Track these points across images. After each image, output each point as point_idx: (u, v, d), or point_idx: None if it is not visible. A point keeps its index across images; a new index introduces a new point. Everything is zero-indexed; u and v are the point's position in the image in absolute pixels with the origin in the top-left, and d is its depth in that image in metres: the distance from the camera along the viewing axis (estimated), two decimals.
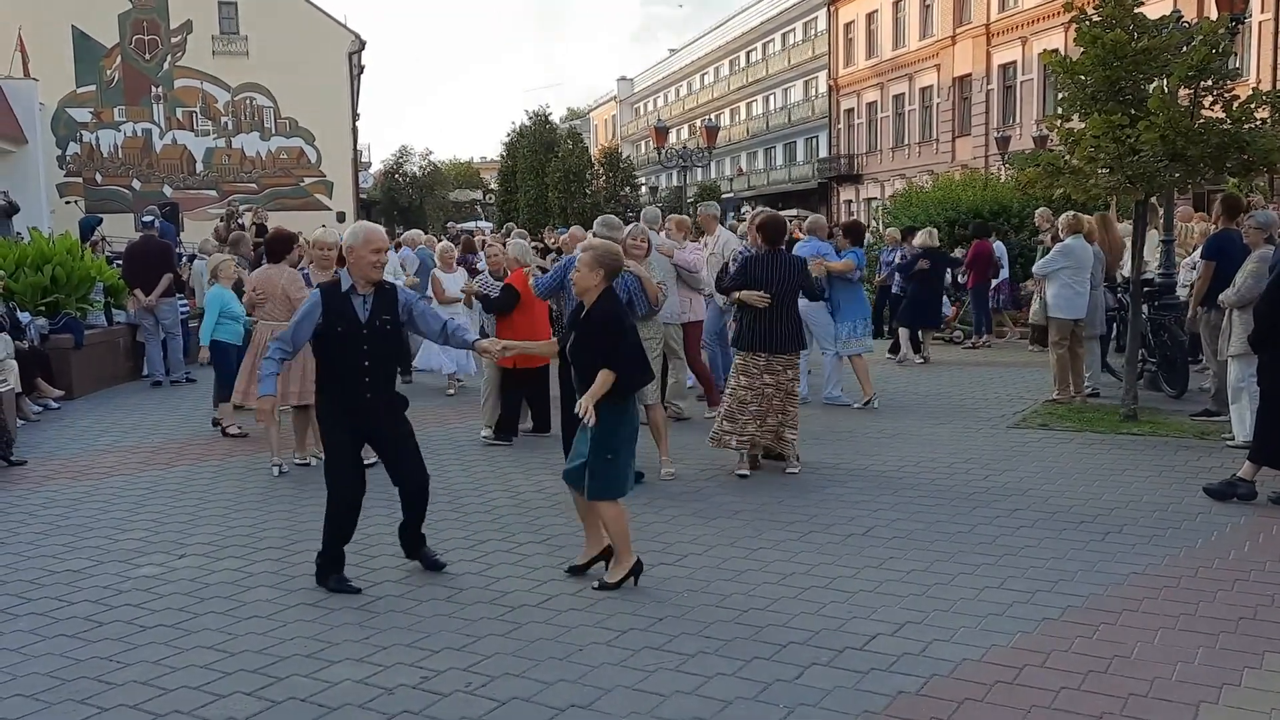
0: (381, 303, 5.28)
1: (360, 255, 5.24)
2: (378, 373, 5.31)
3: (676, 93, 65.82)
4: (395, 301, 5.36)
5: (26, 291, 11.99)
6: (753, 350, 7.50)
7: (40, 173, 28.63)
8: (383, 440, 5.46)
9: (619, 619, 4.82)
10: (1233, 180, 11.15)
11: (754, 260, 7.69)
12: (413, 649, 4.53)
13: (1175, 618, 4.70)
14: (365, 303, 5.25)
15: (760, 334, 7.48)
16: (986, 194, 19.20)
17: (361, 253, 5.23)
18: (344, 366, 5.27)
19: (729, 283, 7.76)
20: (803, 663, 4.31)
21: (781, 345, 7.50)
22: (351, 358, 5.24)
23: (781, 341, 7.50)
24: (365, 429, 5.37)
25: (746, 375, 7.52)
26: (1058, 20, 27.99)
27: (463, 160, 79.45)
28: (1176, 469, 7.50)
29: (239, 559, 5.85)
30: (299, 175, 39.82)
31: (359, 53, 40.48)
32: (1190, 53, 8.36)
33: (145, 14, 37.79)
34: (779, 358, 7.51)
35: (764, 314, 7.46)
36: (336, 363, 5.29)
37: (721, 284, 7.98)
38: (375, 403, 5.30)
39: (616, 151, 54.40)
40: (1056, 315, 10.14)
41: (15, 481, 7.85)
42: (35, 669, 4.41)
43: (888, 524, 6.28)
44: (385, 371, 5.41)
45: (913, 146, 42.53)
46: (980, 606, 4.89)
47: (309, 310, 5.31)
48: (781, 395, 7.54)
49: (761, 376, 7.51)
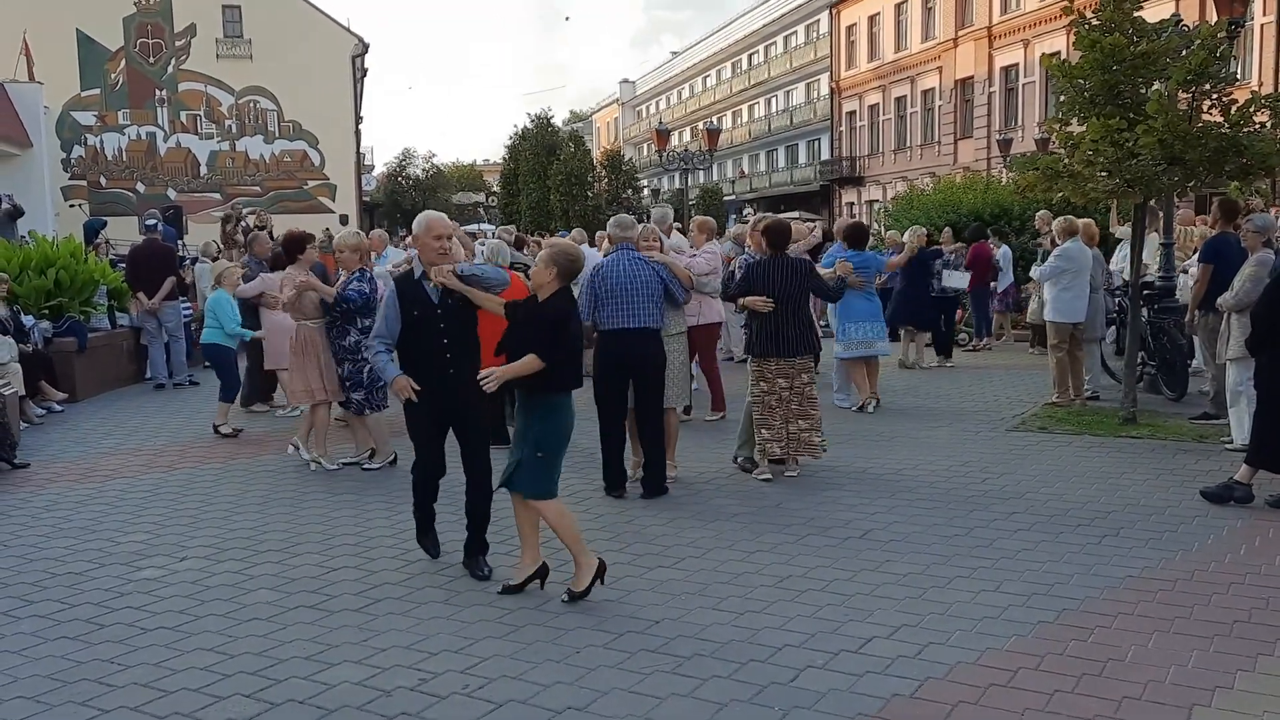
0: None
1: (424, 243, 5.52)
2: (457, 350, 5.50)
3: (678, 95, 65.87)
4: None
5: (30, 295, 12.05)
6: (764, 356, 7.54)
7: (45, 176, 28.69)
8: (464, 423, 5.58)
9: (616, 621, 4.85)
10: (1234, 184, 11.16)
11: (757, 266, 7.72)
12: (411, 651, 4.56)
13: (1170, 621, 4.72)
14: (436, 286, 5.45)
15: (769, 339, 7.51)
16: (988, 197, 19.21)
17: (425, 240, 5.52)
18: (424, 349, 5.51)
19: (734, 289, 7.78)
20: (798, 665, 4.33)
21: (791, 349, 7.53)
22: (430, 340, 5.48)
23: (791, 345, 7.52)
24: (450, 408, 5.51)
25: (765, 380, 7.56)
26: (1059, 23, 28.00)
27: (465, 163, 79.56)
28: (1175, 472, 7.51)
29: (239, 561, 5.89)
30: (302, 178, 39.95)
31: (362, 56, 40.63)
32: (1189, 57, 8.38)
33: (149, 17, 37.94)
34: (790, 361, 7.54)
35: (770, 318, 7.49)
36: (414, 347, 5.53)
37: (728, 291, 7.98)
38: (458, 379, 5.43)
39: (619, 154, 54.49)
40: (1056, 319, 10.15)
41: (19, 484, 7.89)
42: (37, 671, 4.44)
43: (885, 527, 6.30)
44: (464, 348, 5.54)
45: (915, 149, 42.54)
46: (976, 610, 4.91)
47: (389, 301, 5.59)
48: (798, 399, 7.56)
49: (775, 381, 7.55)
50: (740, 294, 7.64)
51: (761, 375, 7.57)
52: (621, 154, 55.56)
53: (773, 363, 7.53)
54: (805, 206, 44.31)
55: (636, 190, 52.82)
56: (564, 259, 5.25)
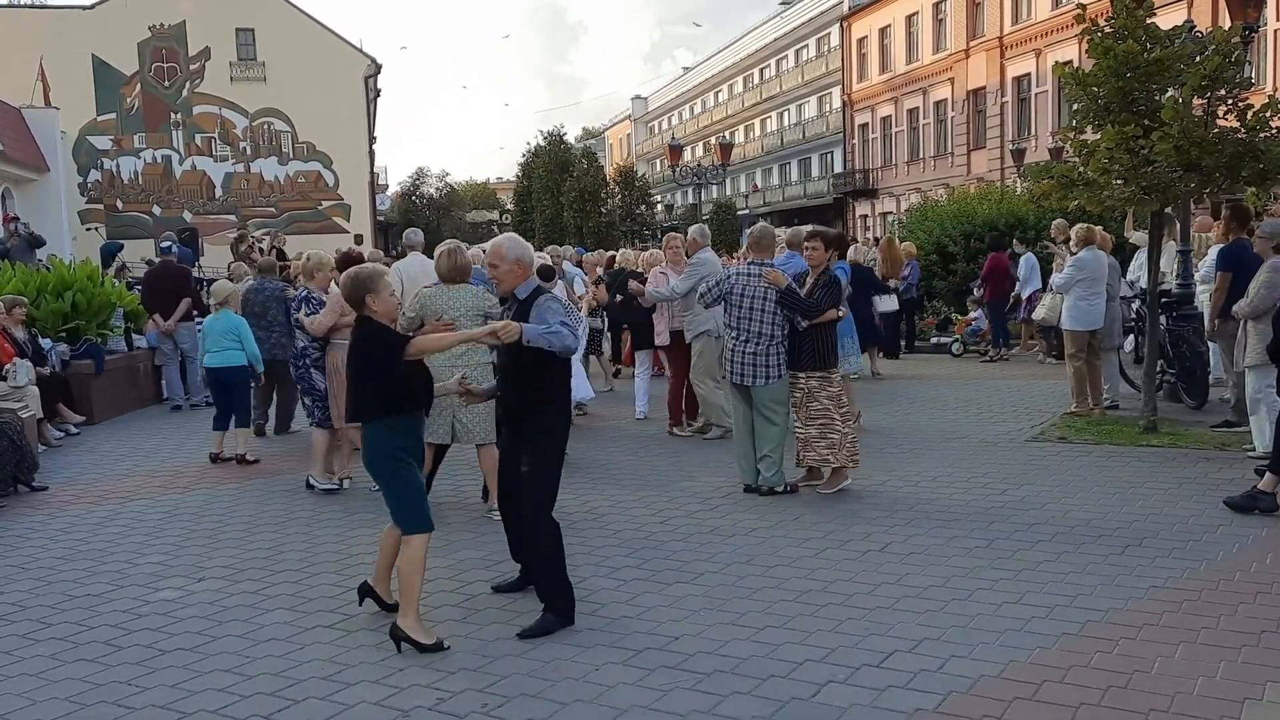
0: (520, 310, 5.16)
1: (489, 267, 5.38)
2: (517, 374, 5.15)
3: (690, 110, 66.03)
4: (530, 305, 5.15)
5: (48, 318, 12.12)
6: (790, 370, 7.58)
7: (62, 200, 28.97)
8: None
9: (634, 639, 4.81)
10: (1251, 190, 11.08)
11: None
12: (429, 670, 4.53)
13: (1196, 632, 4.66)
14: (509, 310, 5.26)
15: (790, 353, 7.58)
16: (1002, 207, 19.15)
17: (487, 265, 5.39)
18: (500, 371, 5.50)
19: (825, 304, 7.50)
20: (819, 681, 4.29)
21: (800, 364, 7.54)
22: (502, 360, 5.43)
23: (800, 360, 7.54)
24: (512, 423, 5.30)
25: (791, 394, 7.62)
26: (1071, 32, 27.89)
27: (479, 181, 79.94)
28: (1197, 481, 7.44)
29: (257, 582, 5.88)
30: (317, 199, 40.15)
31: (375, 76, 40.85)
32: (1203, 62, 8.33)
33: (164, 42, 38.26)
34: (802, 375, 7.54)
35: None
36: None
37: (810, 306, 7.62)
38: (515, 400, 5.19)
39: (631, 170, 54.60)
40: (1073, 327, 10.09)
41: (37, 507, 7.91)
42: (55, 694, 4.44)
43: (904, 540, 6.24)
44: (523, 371, 5.12)
45: (928, 160, 42.46)
46: (999, 622, 4.86)
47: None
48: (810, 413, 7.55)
49: (793, 394, 7.59)
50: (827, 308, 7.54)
51: (791, 389, 7.64)
52: (634, 170, 55.68)
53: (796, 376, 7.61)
54: (819, 219, 44.20)
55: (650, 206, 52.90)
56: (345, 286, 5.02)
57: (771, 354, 7.42)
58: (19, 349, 10.41)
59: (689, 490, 7.70)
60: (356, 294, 4.86)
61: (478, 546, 6.41)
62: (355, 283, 4.88)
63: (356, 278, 4.91)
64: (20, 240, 17.62)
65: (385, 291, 4.88)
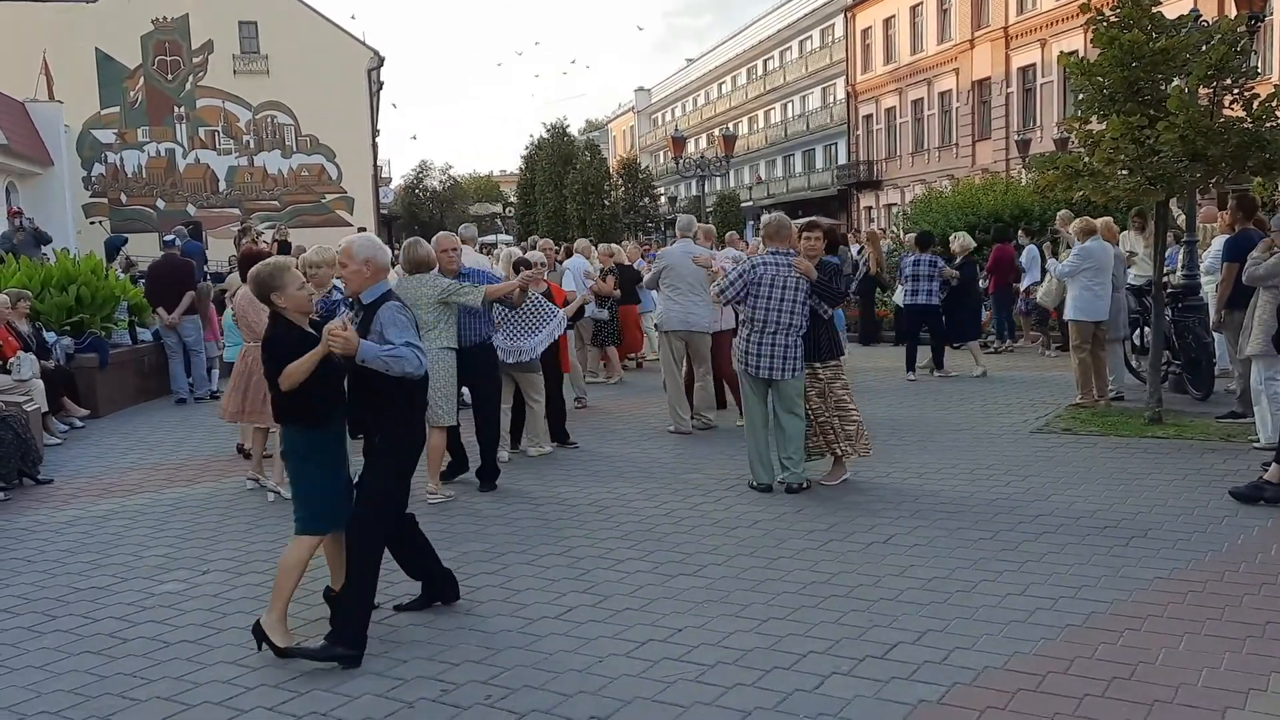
0: (366, 316, 4.90)
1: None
2: (360, 386, 4.91)
3: (694, 102, 65.90)
4: (374, 312, 4.86)
5: (52, 312, 12.13)
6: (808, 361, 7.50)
7: (66, 194, 29.03)
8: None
9: (638, 630, 4.81)
10: (1257, 180, 11.04)
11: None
12: (433, 662, 4.54)
13: (1201, 623, 4.65)
14: (356, 317, 4.99)
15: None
16: (1007, 198, 19.12)
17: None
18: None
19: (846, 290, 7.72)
20: (823, 672, 4.28)
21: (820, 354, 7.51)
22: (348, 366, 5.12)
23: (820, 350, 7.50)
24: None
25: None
26: (1076, 22, 27.80)
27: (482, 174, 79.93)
28: (1202, 472, 7.42)
29: (261, 574, 5.87)
30: (320, 192, 40.11)
31: (378, 69, 40.79)
32: (1209, 52, 8.30)
33: (167, 35, 38.22)
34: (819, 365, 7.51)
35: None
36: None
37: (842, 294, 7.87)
38: (359, 414, 4.97)
39: (635, 162, 54.59)
40: (1077, 317, 10.07)
41: (41, 500, 7.93)
42: (60, 686, 4.45)
43: (909, 531, 6.24)
44: (367, 386, 4.86)
45: (932, 151, 42.38)
46: (1002, 614, 4.85)
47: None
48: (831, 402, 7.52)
49: (813, 385, 7.52)
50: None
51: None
52: (638, 162, 55.64)
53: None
54: (824, 211, 44.13)
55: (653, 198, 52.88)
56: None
57: (798, 345, 7.35)
58: (23, 343, 10.43)
59: (692, 483, 7.70)
60: (263, 293, 4.70)
61: (481, 539, 6.42)
62: (259, 282, 4.71)
63: (258, 277, 4.72)
64: (26, 235, 17.64)
65: (293, 285, 4.66)
